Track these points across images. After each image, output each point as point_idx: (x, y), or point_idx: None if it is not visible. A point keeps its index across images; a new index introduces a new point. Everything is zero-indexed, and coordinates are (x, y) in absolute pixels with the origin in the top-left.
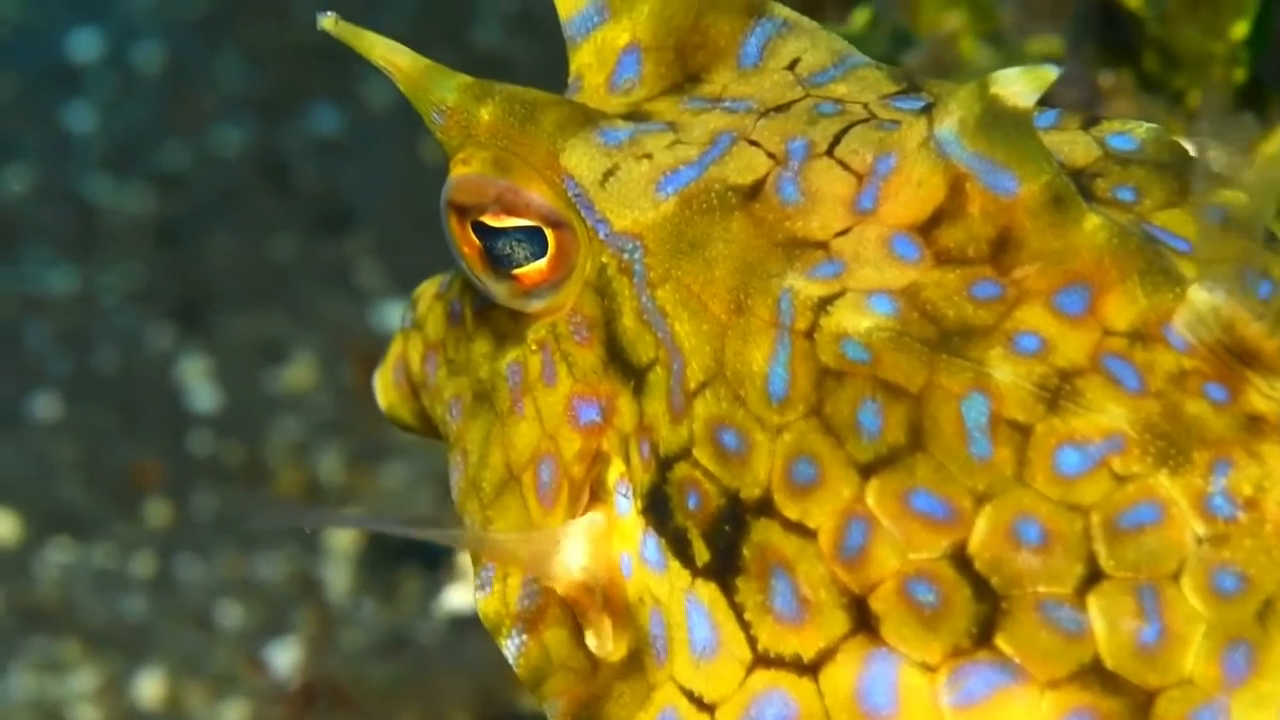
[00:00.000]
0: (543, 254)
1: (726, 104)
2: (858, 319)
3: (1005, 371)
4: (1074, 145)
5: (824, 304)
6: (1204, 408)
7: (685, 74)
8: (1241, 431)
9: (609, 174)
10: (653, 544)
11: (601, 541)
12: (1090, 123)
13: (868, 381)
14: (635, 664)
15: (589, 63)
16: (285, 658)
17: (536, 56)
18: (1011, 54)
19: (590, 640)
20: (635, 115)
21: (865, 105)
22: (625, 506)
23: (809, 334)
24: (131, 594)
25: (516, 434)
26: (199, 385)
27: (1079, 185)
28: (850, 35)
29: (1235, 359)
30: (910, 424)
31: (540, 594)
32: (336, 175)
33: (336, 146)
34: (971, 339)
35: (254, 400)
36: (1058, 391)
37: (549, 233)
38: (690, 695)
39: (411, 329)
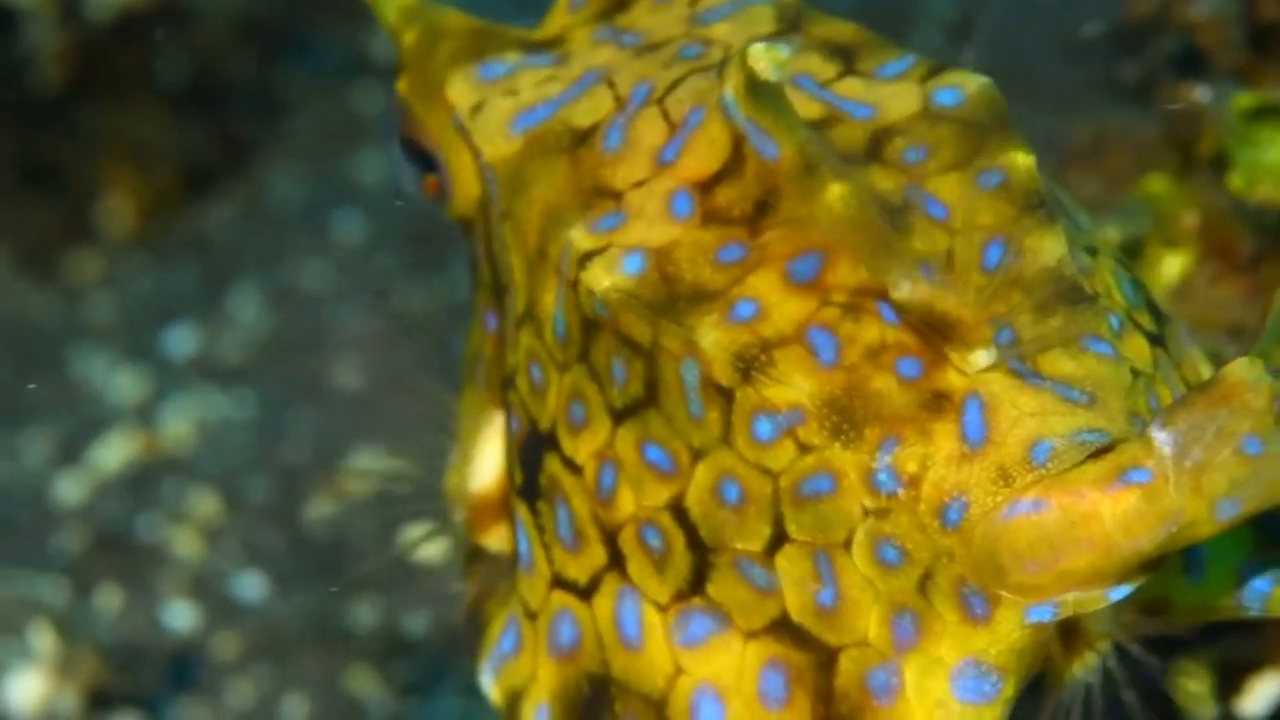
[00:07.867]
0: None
1: (625, 38)
2: (602, 277)
3: (710, 340)
4: (896, 99)
5: (586, 258)
6: (889, 384)
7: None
8: (920, 409)
9: (477, 108)
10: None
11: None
12: (934, 73)
13: (614, 335)
14: (511, 564)
15: None
16: None
17: None
18: None
19: (485, 533)
20: (545, 45)
21: (728, 49)
22: None
23: (574, 286)
24: None
25: (472, 323)
26: None
27: (874, 144)
28: None
29: (938, 333)
30: (646, 379)
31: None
32: None
33: None
34: (697, 303)
35: None
36: (753, 362)
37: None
38: (523, 603)
39: None
